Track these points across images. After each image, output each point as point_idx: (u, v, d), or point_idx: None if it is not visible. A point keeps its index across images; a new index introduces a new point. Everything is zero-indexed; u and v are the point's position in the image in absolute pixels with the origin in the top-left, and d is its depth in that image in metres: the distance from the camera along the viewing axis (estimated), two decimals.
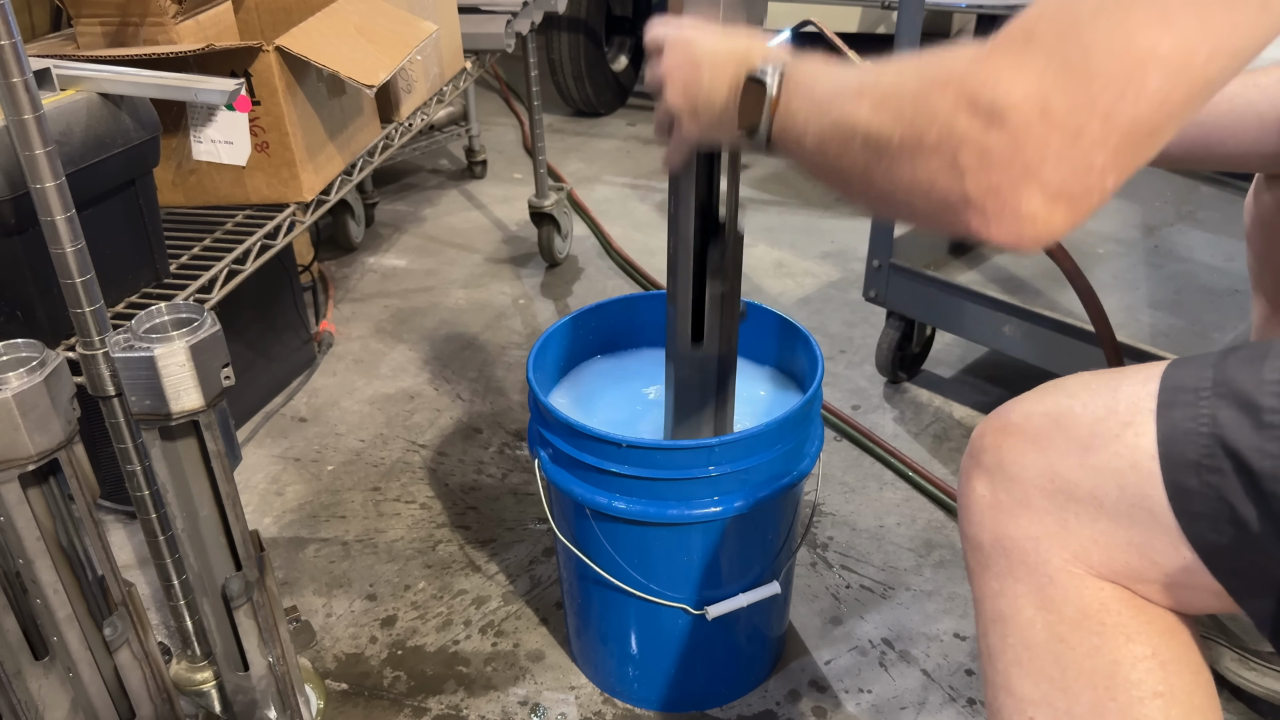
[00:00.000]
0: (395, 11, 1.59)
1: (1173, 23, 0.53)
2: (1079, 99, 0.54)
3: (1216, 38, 0.53)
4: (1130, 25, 0.53)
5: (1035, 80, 0.55)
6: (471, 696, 1.29)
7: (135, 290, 1.23)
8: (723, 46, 0.84)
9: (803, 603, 1.41)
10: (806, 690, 1.28)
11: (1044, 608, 0.69)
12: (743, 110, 0.77)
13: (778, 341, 1.29)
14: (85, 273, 0.92)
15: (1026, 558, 0.69)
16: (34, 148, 0.86)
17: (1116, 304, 1.67)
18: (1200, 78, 0.54)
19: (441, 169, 3.09)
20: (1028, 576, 0.70)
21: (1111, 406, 0.66)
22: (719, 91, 0.82)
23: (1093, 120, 0.54)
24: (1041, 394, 0.71)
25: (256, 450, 1.79)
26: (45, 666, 0.96)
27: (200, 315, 0.92)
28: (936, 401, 1.85)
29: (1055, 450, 0.67)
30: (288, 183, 1.42)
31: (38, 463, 0.87)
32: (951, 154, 0.58)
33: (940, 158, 0.59)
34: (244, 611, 1.04)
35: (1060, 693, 0.69)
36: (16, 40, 0.82)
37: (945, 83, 0.60)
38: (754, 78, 0.75)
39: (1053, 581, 0.69)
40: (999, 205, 0.57)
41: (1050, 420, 0.68)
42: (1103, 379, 0.68)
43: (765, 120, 0.75)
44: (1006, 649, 0.72)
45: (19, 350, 0.89)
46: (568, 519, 1.17)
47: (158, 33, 1.35)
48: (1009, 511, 0.70)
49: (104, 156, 1.13)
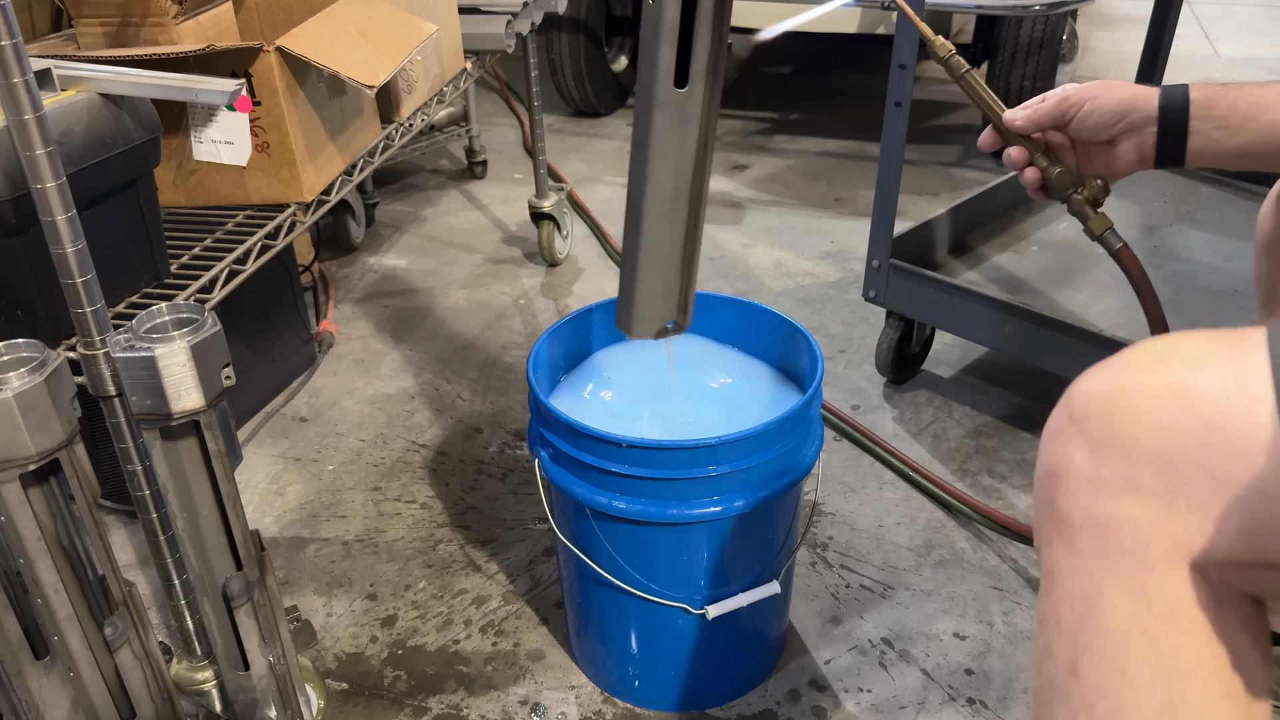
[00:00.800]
0: (395, 12, 1.60)
1: None
2: None
3: None
4: None
5: None
6: (472, 696, 1.29)
7: (136, 290, 1.23)
8: None
9: (802, 602, 1.41)
10: (806, 690, 1.29)
11: (1132, 596, 0.65)
12: None
13: (778, 341, 1.29)
14: (86, 273, 0.92)
15: (1123, 541, 0.65)
16: (35, 148, 0.86)
17: (1116, 304, 1.67)
18: None
19: (442, 169, 3.09)
20: (1121, 561, 0.65)
21: (1241, 379, 0.61)
22: None
23: None
24: (1156, 358, 0.65)
25: (257, 450, 1.79)
26: (46, 666, 0.97)
27: (201, 315, 0.92)
28: (936, 401, 1.85)
29: (1177, 426, 0.62)
30: (288, 183, 1.42)
31: (38, 462, 0.87)
32: None
33: None
34: (244, 611, 1.04)
35: (1131, 688, 0.65)
36: (17, 40, 0.82)
37: None
38: None
39: (1148, 569, 0.64)
40: None
41: (1172, 393, 0.62)
42: (1225, 345, 0.63)
43: None
44: (1081, 630, 0.67)
45: (20, 350, 0.89)
46: (568, 519, 1.17)
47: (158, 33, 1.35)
48: (1112, 489, 0.65)
49: (105, 157, 1.13)
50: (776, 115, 3.48)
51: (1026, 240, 1.91)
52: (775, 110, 3.52)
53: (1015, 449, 1.72)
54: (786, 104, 3.60)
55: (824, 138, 3.28)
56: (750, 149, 3.19)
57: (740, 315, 1.32)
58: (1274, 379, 0.60)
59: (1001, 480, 1.64)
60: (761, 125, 3.40)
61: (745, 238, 2.56)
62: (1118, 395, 0.65)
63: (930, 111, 3.45)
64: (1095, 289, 1.76)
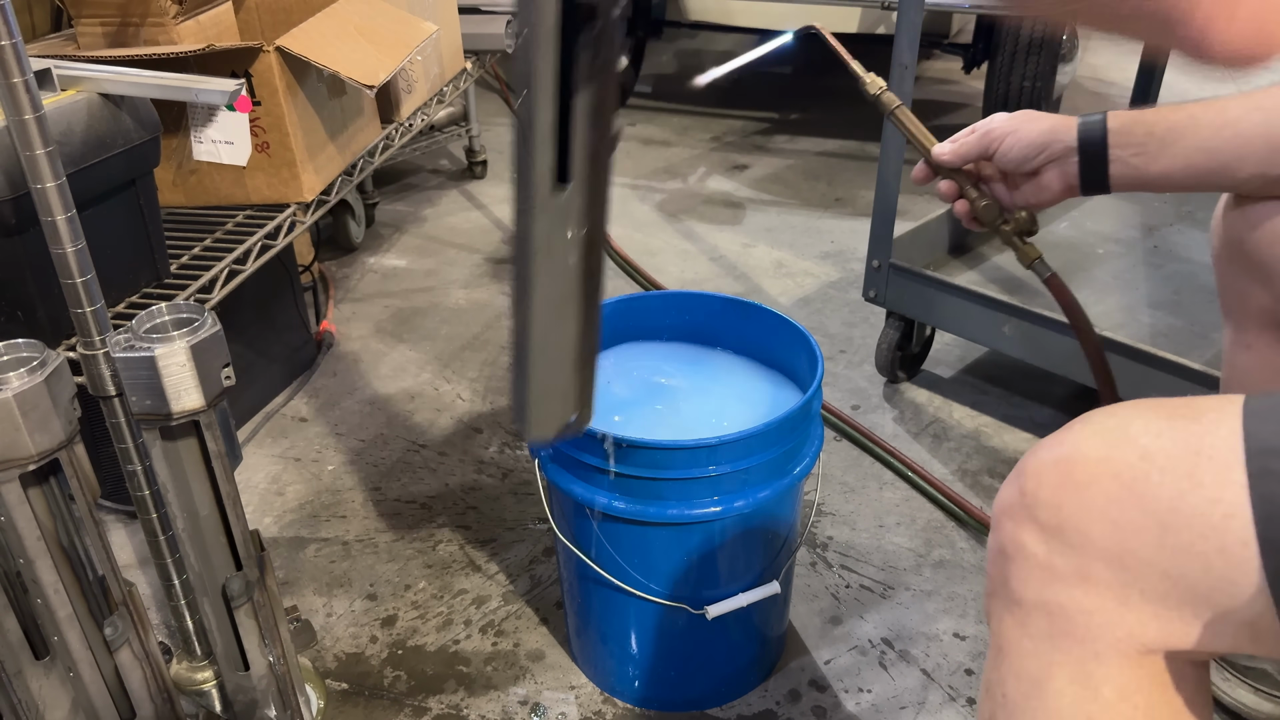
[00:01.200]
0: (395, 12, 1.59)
1: None
2: None
3: None
4: None
5: None
6: (472, 696, 1.29)
7: (136, 290, 1.23)
8: None
9: (802, 602, 1.41)
10: (806, 690, 1.28)
11: (1080, 683, 0.65)
12: None
13: (777, 341, 1.29)
14: (86, 273, 0.92)
15: (1074, 630, 0.64)
16: (35, 148, 0.86)
17: (1116, 304, 1.67)
18: None
19: (442, 169, 3.09)
20: (1072, 649, 0.65)
21: (1195, 477, 0.59)
22: None
23: None
24: (1106, 441, 0.63)
25: (257, 450, 1.79)
26: (46, 666, 0.96)
27: (201, 315, 0.92)
28: (936, 401, 1.85)
29: (1129, 525, 0.61)
30: (288, 183, 1.42)
31: (38, 463, 0.87)
32: None
33: None
34: (244, 611, 1.04)
35: None
36: (17, 40, 0.82)
37: None
38: None
39: (1097, 658, 0.64)
40: None
41: (1123, 488, 0.61)
42: (1178, 429, 0.61)
43: None
44: (1026, 709, 0.68)
45: (20, 350, 0.89)
46: (568, 519, 1.17)
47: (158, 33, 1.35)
48: (1064, 580, 0.64)
49: (104, 156, 1.13)
50: (776, 115, 3.48)
51: None
52: (775, 110, 3.52)
53: (1015, 449, 1.72)
54: (786, 104, 3.60)
55: (824, 137, 3.28)
56: (750, 149, 3.19)
57: (740, 315, 1.32)
58: (1249, 472, 0.58)
59: (1002, 480, 1.64)
60: (761, 125, 3.40)
61: (745, 238, 2.56)
62: (1068, 486, 0.64)
63: (930, 111, 3.45)
64: (1096, 289, 1.76)
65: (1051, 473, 0.65)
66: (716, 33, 4.23)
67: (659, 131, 3.37)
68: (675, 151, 3.18)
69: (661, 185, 2.91)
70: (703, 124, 3.42)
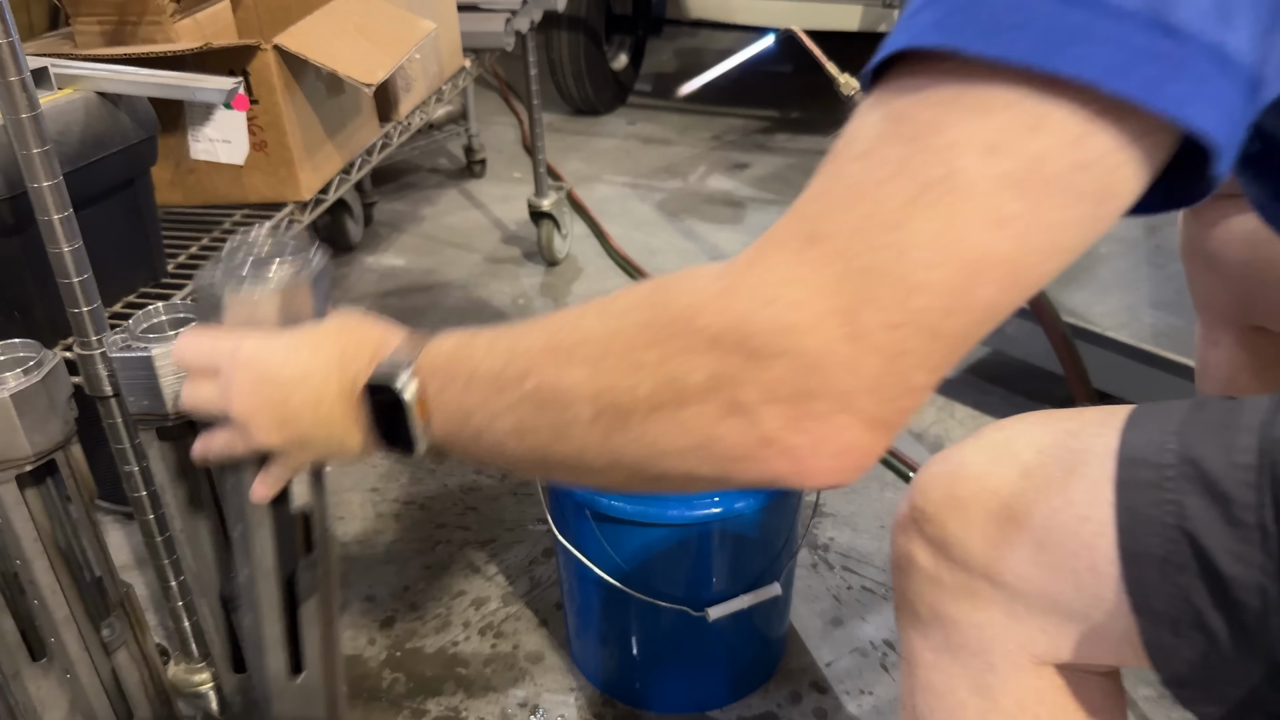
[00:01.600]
0: (394, 10, 1.59)
1: (1008, 223, 0.44)
2: (896, 316, 0.44)
3: (1048, 240, 0.46)
4: (960, 225, 0.43)
5: (831, 294, 0.45)
6: (471, 698, 1.28)
7: (133, 290, 1.23)
8: (308, 356, 0.66)
9: (803, 604, 1.41)
10: (807, 692, 1.28)
11: (980, 694, 0.65)
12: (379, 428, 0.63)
13: None
14: (83, 272, 0.91)
15: (968, 642, 0.65)
16: (31, 147, 0.85)
17: (1118, 304, 1.67)
18: (1031, 282, 0.47)
19: (440, 168, 3.08)
20: (968, 660, 0.65)
21: (1067, 495, 0.59)
22: (329, 413, 0.65)
23: (916, 338, 0.45)
24: (990, 457, 0.63)
25: None
26: (43, 668, 0.96)
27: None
28: (938, 402, 1.84)
29: (1006, 543, 0.61)
30: (286, 182, 1.41)
31: (35, 463, 0.87)
32: (728, 398, 0.47)
33: (712, 404, 0.48)
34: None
35: None
36: (14, 39, 0.81)
37: (693, 311, 0.48)
38: (377, 385, 0.62)
39: (993, 670, 0.64)
40: (809, 444, 0.47)
41: (1001, 504, 0.61)
42: (1060, 445, 0.61)
43: (419, 430, 0.61)
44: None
45: (16, 350, 0.88)
46: (568, 520, 1.17)
47: (155, 31, 1.35)
48: (953, 593, 0.64)
49: (102, 156, 1.12)
50: (777, 113, 3.48)
51: None
52: (776, 108, 3.52)
53: None
54: (787, 102, 3.59)
55: (825, 136, 3.27)
56: (751, 147, 3.18)
57: None
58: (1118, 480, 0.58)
59: None
60: (762, 124, 3.40)
61: (746, 237, 2.55)
62: (950, 502, 0.64)
63: None
64: (1098, 288, 1.75)
65: (937, 488, 0.65)
66: (717, 30, 4.22)
67: (659, 130, 3.37)
68: (675, 150, 3.18)
69: (662, 184, 2.91)
70: (703, 122, 3.42)
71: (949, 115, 0.44)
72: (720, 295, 0.48)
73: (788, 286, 0.46)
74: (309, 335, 0.68)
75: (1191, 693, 0.60)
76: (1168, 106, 0.42)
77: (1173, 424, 0.58)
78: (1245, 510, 0.54)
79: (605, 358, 0.51)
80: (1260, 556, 0.54)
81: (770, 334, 0.46)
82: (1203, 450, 0.56)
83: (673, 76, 3.99)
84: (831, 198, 0.47)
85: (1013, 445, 0.63)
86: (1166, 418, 0.59)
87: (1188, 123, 0.42)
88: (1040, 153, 0.43)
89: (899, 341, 0.45)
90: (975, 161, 0.43)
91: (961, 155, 0.43)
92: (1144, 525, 0.57)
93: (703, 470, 0.50)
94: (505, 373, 0.56)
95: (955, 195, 0.43)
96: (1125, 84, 0.42)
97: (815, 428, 0.47)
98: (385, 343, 0.65)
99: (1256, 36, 0.43)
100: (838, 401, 0.46)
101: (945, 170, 0.43)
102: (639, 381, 0.50)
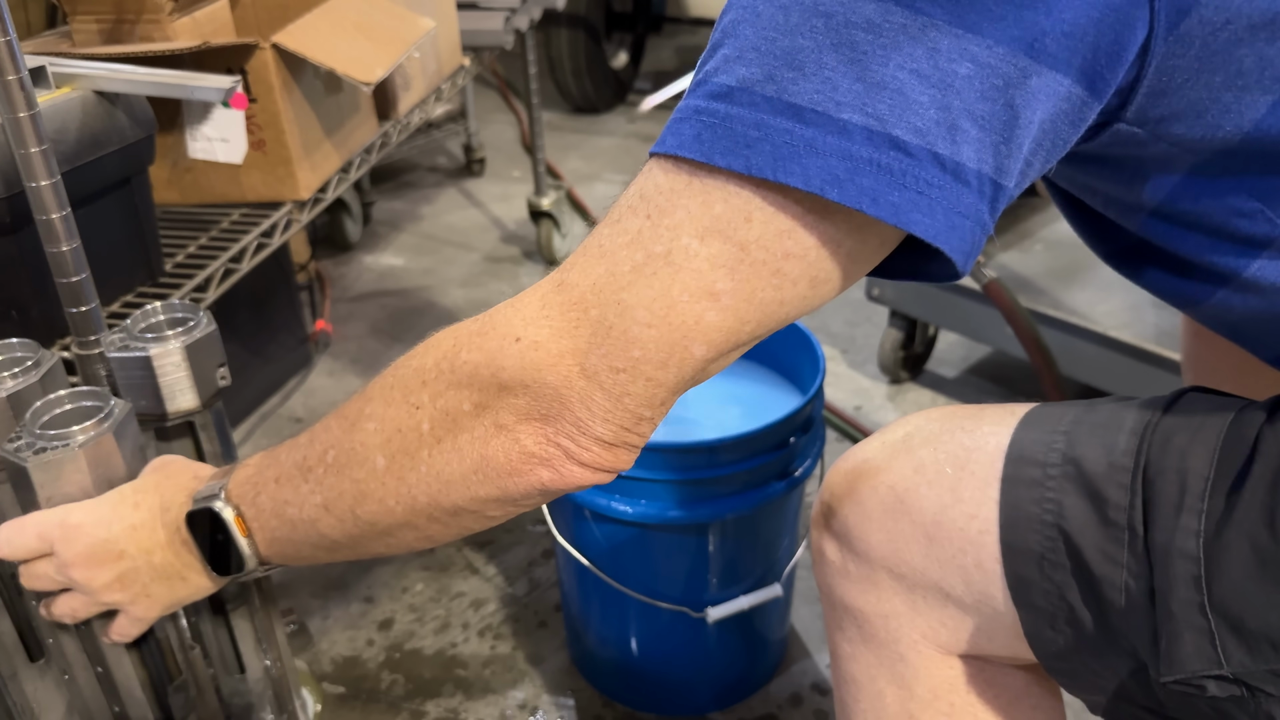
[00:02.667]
0: (393, 8, 1.58)
1: (718, 297, 0.49)
2: (619, 362, 0.51)
3: (762, 312, 0.50)
4: (672, 295, 0.49)
5: (568, 335, 0.51)
6: (469, 700, 1.28)
7: (131, 289, 1.22)
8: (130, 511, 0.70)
9: (804, 605, 1.40)
10: (808, 694, 1.28)
11: (895, 683, 0.68)
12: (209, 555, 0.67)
13: (778, 341, 1.28)
14: (81, 272, 0.91)
15: (877, 633, 0.68)
16: (29, 146, 0.85)
17: (1120, 303, 1.66)
18: (744, 342, 0.52)
19: (439, 167, 3.07)
20: (879, 650, 0.68)
21: (957, 491, 0.62)
22: (163, 560, 0.69)
23: (635, 383, 0.51)
24: (890, 451, 0.67)
25: (253, 451, 1.77)
26: (41, 669, 0.96)
27: (196, 315, 0.91)
28: (940, 402, 1.84)
29: (901, 535, 0.65)
30: (284, 180, 1.40)
31: None
32: (492, 421, 0.54)
33: (480, 428, 0.54)
34: (240, 614, 1.03)
35: None
36: (12, 37, 0.81)
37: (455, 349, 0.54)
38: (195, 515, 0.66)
39: (903, 659, 0.67)
40: (562, 455, 0.53)
41: (896, 498, 0.65)
42: (955, 442, 0.64)
43: (244, 545, 0.65)
44: (857, 713, 0.71)
45: (14, 350, 0.88)
46: (567, 521, 1.16)
47: (154, 30, 1.34)
48: (859, 584, 0.68)
49: (99, 154, 1.12)
50: None
51: (1031, 239, 1.90)
52: None
53: None
54: None
55: None
56: None
57: None
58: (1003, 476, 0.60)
59: None
60: None
61: None
62: (851, 496, 0.68)
63: None
64: (1100, 288, 1.75)
65: (842, 482, 0.69)
66: None
67: (659, 129, 3.34)
68: None
69: None
70: None
71: (679, 201, 0.49)
72: (476, 334, 0.54)
73: (532, 325, 0.52)
74: (129, 491, 0.72)
75: (1072, 681, 0.62)
76: (883, 214, 0.46)
77: (1064, 424, 0.61)
78: (1118, 511, 0.56)
79: (388, 407, 0.57)
80: (1127, 556, 0.56)
81: (515, 368, 0.52)
82: (1085, 450, 0.59)
83: (673, 75, 3.99)
84: (585, 254, 0.52)
85: (910, 441, 0.66)
86: (1059, 418, 0.62)
87: (907, 228, 0.47)
88: (749, 240, 0.48)
89: (622, 384, 0.51)
90: (692, 242, 0.49)
91: (681, 236, 0.49)
92: (1025, 523, 0.59)
93: (485, 491, 0.55)
94: (308, 457, 0.61)
95: (671, 269, 0.49)
96: (844, 194, 0.46)
97: (565, 443, 0.53)
98: (199, 477, 0.69)
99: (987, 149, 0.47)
100: (577, 426, 0.52)
101: (666, 247, 0.49)
102: (420, 419, 0.56)
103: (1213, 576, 0.53)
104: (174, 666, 0.90)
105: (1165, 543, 0.55)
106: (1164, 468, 0.56)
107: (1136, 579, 0.56)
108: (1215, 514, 0.54)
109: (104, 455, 0.75)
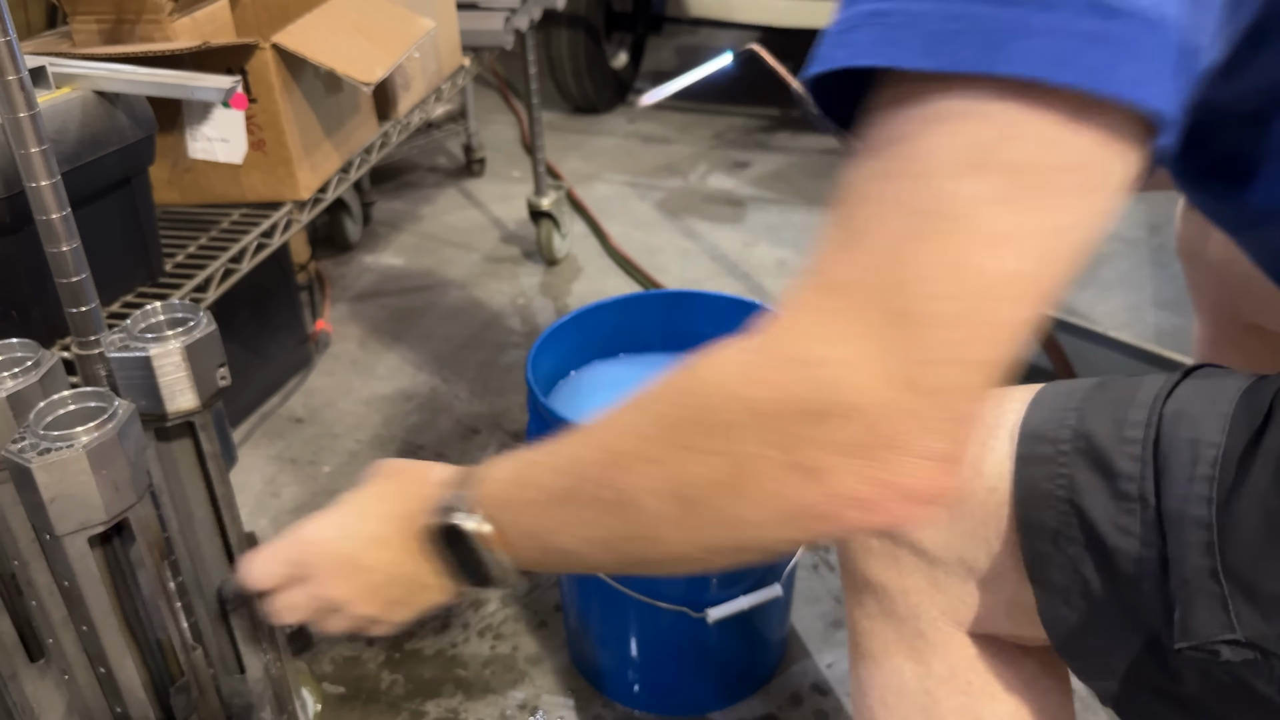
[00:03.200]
0: (393, 8, 1.58)
1: (1005, 239, 0.42)
2: (923, 352, 0.44)
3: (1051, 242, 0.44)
4: (955, 255, 0.43)
5: (870, 347, 0.44)
6: (469, 700, 1.28)
7: (130, 289, 1.22)
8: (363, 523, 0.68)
9: (804, 605, 1.40)
10: (808, 694, 1.27)
11: (913, 659, 0.67)
12: (459, 567, 0.63)
13: None
14: (80, 272, 0.91)
15: (897, 608, 0.67)
16: (29, 146, 0.85)
17: (1121, 303, 1.66)
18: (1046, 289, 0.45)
19: (439, 167, 3.07)
20: (899, 625, 0.67)
21: (978, 465, 0.61)
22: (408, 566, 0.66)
23: (951, 371, 0.44)
24: None
25: (252, 451, 1.77)
26: (41, 669, 0.96)
27: (196, 315, 0.91)
28: None
29: None
30: (284, 181, 1.40)
31: None
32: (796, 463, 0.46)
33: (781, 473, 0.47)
34: (240, 614, 1.03)
35: None
36: (12, 37, 0.81)
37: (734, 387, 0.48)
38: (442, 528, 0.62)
39: (923, 636, 0.66)
40: (890, 495, 0.46)
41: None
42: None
43: (496, 561, 0.61)
44: (874, 688, 0.70)
45: (14, 350, 0.88)
46: None
47: (154, 30, 1.34)
48: (880, 560, 0.67)
49: (99, 155, 1.12)
50: (778, 112, 3.47)
51: None
52: (777, 107, 3.51)
53: None
54: (788, 100, 3.59)
55: (826, 135, 3.27)
56: (752, 146, 3.18)
57: (742, 315, 1.31)
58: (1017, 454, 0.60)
59: None
60: (763, 122, 3.39)
61: (747, 236, 2.55)
62: None
63: None
64: (1101, 287, 1.75)
65: None
66: (717, 29, 4.22)
67: (659, 129, 3.36)
68: (676, 149, 3.17)
69: (662, 183, 2.90)
70: (704, 121, 3.41)
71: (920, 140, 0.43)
72: (762, 367, 0.47)
73: (820, 342, 0.45)
74: (366, 502, 0.69)
75: (1083, 665, 0.62)
76: (1121, 91, 0.41)
77: (1075, 400, 0.60)
78: (1129, 483, 0.56)
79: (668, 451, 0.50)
80: (1139, 527, 0.56)
81: (827, 396, 0.45)
82: (1095, 425, 0.58)
83: (673, 74, 3.99)
84: (836, 244, 0.47)
85: None
86: (1070, 394, 0.61)
87: (1143, 105, 0.41)
88: (1018, 162, 0.42)
89: (939, 379, 0.44)
90: (955, 184, 0.42)
91: (942, 180, 0.43)
92: (1040, 499, 0.59)
93: (790, 534, 0.50)
94: (578, 491, 0.55)
95: (946, 223, 0.43)
96: (1072, 74, 0.40)
97: (890, 478, 0.46)
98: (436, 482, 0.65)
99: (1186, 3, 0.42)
100: (904, 448, 0.45)
101: (931, 198, 0.43)
102: (715, 466, 0.49)
103: (1225, 542, 0.53)
104: (176, 667, 0.90)
105: (1177, 510, 0.54)
106: (1175, 438, 0.56)
107: (1149, 549, 0.55)
108: (1227, 481, 0.53)
109: (108, 456, 0.75)
